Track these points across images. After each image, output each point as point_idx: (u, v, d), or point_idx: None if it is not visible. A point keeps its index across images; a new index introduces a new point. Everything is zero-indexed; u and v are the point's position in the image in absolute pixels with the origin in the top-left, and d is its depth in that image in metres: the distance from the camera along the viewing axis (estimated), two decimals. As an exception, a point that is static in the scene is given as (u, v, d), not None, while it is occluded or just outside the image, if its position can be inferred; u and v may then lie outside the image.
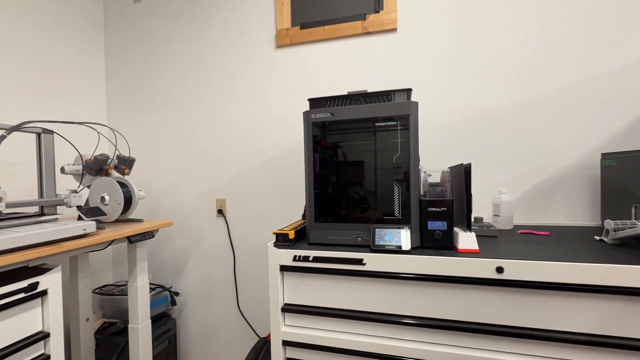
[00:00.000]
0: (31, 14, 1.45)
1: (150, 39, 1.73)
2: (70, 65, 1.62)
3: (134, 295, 1.29)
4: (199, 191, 1.67)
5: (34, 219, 1.00)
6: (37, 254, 0.88)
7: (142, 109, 1.76)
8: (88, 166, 1.20)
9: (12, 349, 0.85)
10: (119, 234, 1.13)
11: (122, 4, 1.78)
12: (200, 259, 1.68)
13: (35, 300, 0.92)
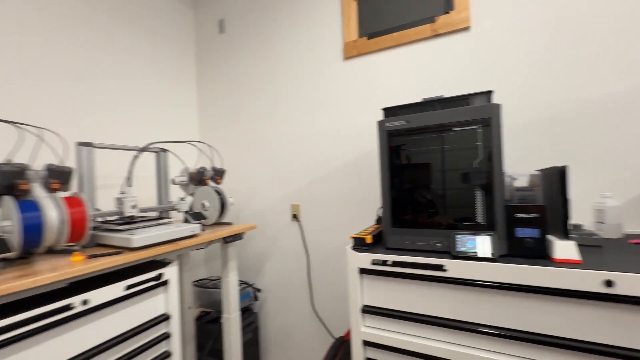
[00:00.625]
0: (141, 54, 1.79)
1: (232, 64, 1.98)
2: (170, 95, 1.94)
3: (227, 289, 1.47)
4: (275, 198, 1.83)
5: (156, 221, 1.23)
6: (163, 250, 1.09)
7: (227, 126, 2.01)
8: (192, 177, 1.43)
9: (145, 327, 1.07)
10: (216, 235, 1.31)
11: (209, 37, 2.07)
12: (277, 260, 1.83)
13: (160, 288, 1.13)
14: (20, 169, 0.89)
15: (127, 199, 1.14)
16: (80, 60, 1.48)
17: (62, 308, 0.84)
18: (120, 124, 1.63)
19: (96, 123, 1.52)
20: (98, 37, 1.56)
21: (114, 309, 0.98)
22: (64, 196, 0.95)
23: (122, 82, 1.66)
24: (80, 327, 0.89)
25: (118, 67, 1.64)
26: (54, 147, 1.07)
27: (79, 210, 0.94)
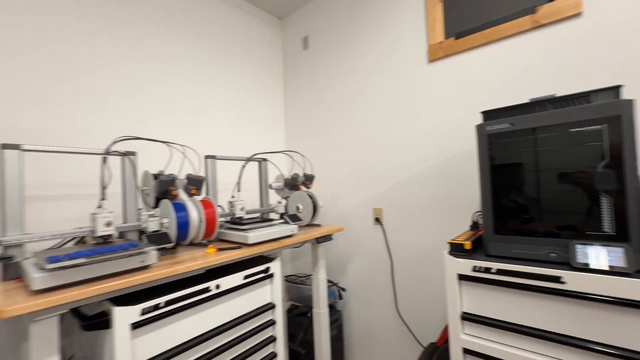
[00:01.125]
0: (240, 76, 2.05)
1: (315, 77, 2.13)
2: (261, 110, 2.18)
3: (317, 285, 1.59)
4: (358, 201, 1.90)
5: (261, 222, 1.42)
6: (270, 247, 1.25)
7: (310, 134, 2.16)
8: (287, 183, 1.59)
9: (257, 312, 1.24)
10: (310, 236, 1.44)
11: (294, 54, 2.27)
12: (360, 262, 1.90)
13: (267, 280, 1.30)
14: (172, 179, 1.14)
15: (237, 202, 1.34)
16: (203, 94, 1.79)
17: (203, 290, 1.04)
18: (228, 139, 1.91)
19: (215, 139, 1.82)
20: (214, 73, 1.86)
21: (236, 294, 1.17)
22: (200, 199, 1.17)
23: (226, 102, 1.94)
24: (214, 307, 1.09)
25: (224, 92, 1.93)
26: (191, 160, 1.34)
27: (210, 211, 1.16)
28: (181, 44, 1.72)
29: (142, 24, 1.56)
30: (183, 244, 1.18)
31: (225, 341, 1.12)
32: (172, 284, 1.03)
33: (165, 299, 0.93)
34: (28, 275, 0.74)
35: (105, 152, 1.00)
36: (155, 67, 1.60)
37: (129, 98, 1.49)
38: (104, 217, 0.95)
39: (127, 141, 1.11)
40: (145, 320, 0.89)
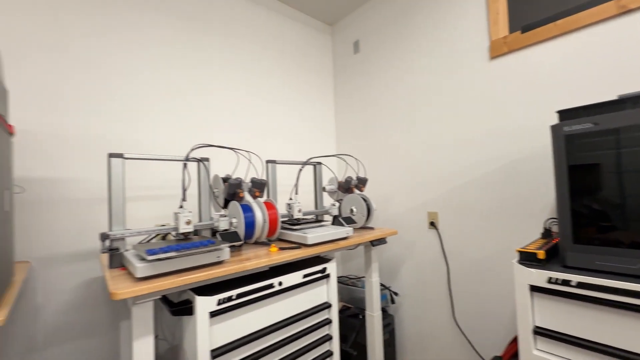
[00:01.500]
0: (293, 83, 2.14)
1: (367, 80, 2.14)
2: (313, 115, 2.25)
3: (370, 288, 1.60)
4: (411, 205, 1.86)
5: (317, 223, 1.47)
6: (327, 248, 1.29)
7: (361, 138, 2.18)
8: (340, 186, 1.63)
9: (312, 311, 1.29)
10: (364, 239, 1.46)
11: (345, 58, 2.30)
12: (414, 266, 1.86)
13: (324, 280, 1.34)
14: (239, 182, 1.24)
15: (295, 204, 1.41)
16: (260, 104, 1.91)
17: (268, 286, 1.12)
18: (284, 144, 2.02)
19: (272, 145, 1.94)
20: (269, 82, 1.98)
21: (295, 292, 1.23)
22: (263, 201, 1.26)
23: (281, 110, 2.04)
24: (276, 303, 1.16)
25: (278, 100, 2.04)
26: (254, 165, 1.46)
27: (273, 212, 1.24)
28: (242, 60, 1.86)
29: (209, 47, 1.73)
30: (249, 242, 1.28)
31: (286, 336, 1.18)
32: (238, 279, 1.13)
33: (236, 291, 1.03)
34: (132, 264, 0.88)
35: (185, 158, 1.13)
36: (221, 84, 1.75)
37: (201, 110, 1.66)
38: (184, 216, 1.07)
39: (200, 148, 1.25)
40: (220, 310, 0.99)
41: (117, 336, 1.35)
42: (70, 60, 1.31)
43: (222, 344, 1.00)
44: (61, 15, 1.30)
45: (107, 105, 1.39)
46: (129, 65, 1.46)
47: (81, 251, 1.31)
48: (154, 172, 1.50)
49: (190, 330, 0.97)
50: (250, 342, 1.07)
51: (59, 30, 1.29)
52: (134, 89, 1.46)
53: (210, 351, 0.96)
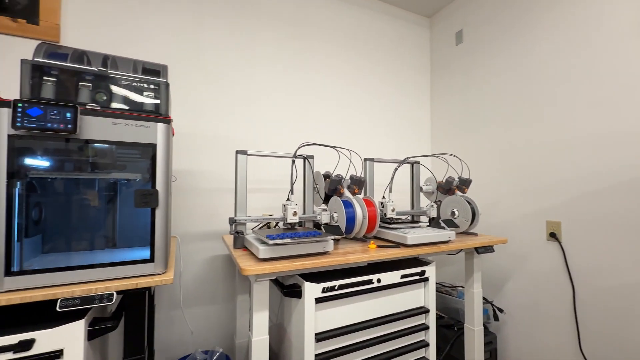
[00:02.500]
0: (388, 80, 2.11)
1: (470, 73, 1.96)
2: (407, 112, 2.17)
3: (471, 300, 1.47)
4: (524, 211, 1.63)
5: (414, 224, 1.42)
6: (426, 250, 1.24)
7: (460, 136, 2.01)
8: (440, 186, 1.54)
9: (408, 314, 1.25)
10: (467, 244, 1.34)
11: (445, 50, 2.16)
12: (524, 282, 1.62)
13: (421, 283, 1.29)
14: (340, 179, 1.29)
15: (389, 203, 1.39)
16: (356, 101, 1.96)
17: (367, 281, 1.14)
18: (379, 142, 2.02)
19: (368, 142, 1.97)
20: (365, 80, 2.01)
21: (392, 291, 1.22)
22: (363, 198, 1.28)
23: (377, 107, 2.04)
24: (373, 299, 1.17)
25: (372, 96, 2.04)
26: (352, 163, 1.51)
27: (372, 209, 1.25)
28: (339, 61, 1.93)
29: (309, 50, 1.85)
30: (348, 237, 1.32)
31: (381, 333, 1.18)
32: (335, 270, 1.17)
33: (339, 282, 1.08)
34: (254, 246, 1.01)
35: (294, 155, 1.24)
36: (320, 86, 1.86)
37: (305, 110, 1.80)
38: (292, 208, 1.17)
39: (304, 146, 1.37)
40: (324, 298, 1.05)
41: (234, 307, 1.58)
42: (209, 75, 1.58)
43: (325, 329, 1.06)
44: (200, 39, 1.57)
45: (230, 109, 1.62)
46: (247, 76, 1.67)
47: (207, 232, 1.56)
48: (260, 168, 1.68)
49: (298, 312, 1.06)
50: (349, 333, 1.11)
51: (197, 50, 1.56)
52: (250, 95, 1.67)
53: (314, 334, 1.03)
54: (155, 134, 0.83)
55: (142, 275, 0.82)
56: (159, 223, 0.83)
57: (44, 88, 0.78)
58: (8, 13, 1.25)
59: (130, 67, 0.93)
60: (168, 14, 1.50)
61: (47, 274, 0.73)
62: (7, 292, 0.69)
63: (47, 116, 0.69)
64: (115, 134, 0.78)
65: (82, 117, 0.74)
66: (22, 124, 0.67)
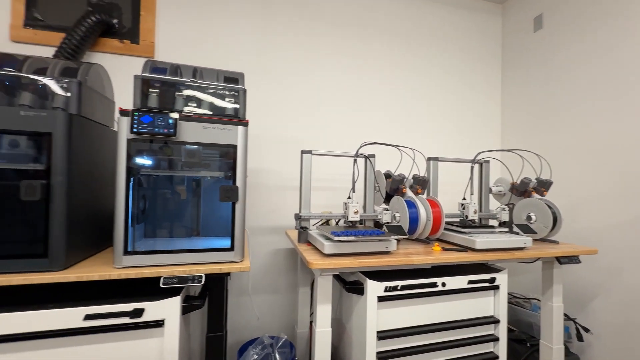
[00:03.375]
0: (453, 73, 1.99)
1: (550, 62, 1.75)
2: (473, 106, 2.03)
3: (549, 315, 1.32)
4: (618, 219, 1.41)
5: (483, 228, 1.33)
6: (497, 257, 1.15)
7: (536, 132, 1.81)
8: (514, 188, 1.42)
9: (475, 322, 1.18)
10: (547, 253, 1.21)
11: (519, 38, 1.96)
12: (617, 300, 1.40)
13: (491, 291, 1.21)
14: (402, 178, 1.27)
15: (471, 204, 1.31)
16: (418, 98, 1.90)
17: (431, 284, 1.11)
18: (442, 140, 1.94)
19: (433, 141, 1.91)
20: (428, 75, 1.94)
21: (457, 297, 1.16)
22: (426, 198, 1.25)
23: (441, 104, 1.95)
24: (436, 303, 1.14)
25: (440, 92, 1.95)
26: (415, 162, 1.48)
27: (437, 210, 1.21)
28: (402, 59, 1.89)
29: (369, 50, 1.84)
30: (410, 238, 1.30)
31: (445, 339, 1.14)
32: (397, 271, 1.16)
33: (402, 282, 1.07)
34: (319, 242, 1.06)
35: (355, 154, 1.26)
36: (385, 87, 1.84)
37: (365, 110, 1.81)
38: (353, 206, 1.19)
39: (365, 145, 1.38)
40: (386, 297, 1.05)
41: (295, 298, 1.66)
42: (272, 80, 1.68)
43: (386, 328, 1.06)
44: (266, 47, 1.68)
45: (292, 111, 1.71)
46: (308, 78, 1.74)
47: (269, 226, 1.67)
48: (317, 167, 1.74)
49: (360, 308, 1.08)
50: (411, 335, 1.09)
51: (262, 55, 1.67)
52: (311, 96, 1.74)
53: (376, 332, 1.04)
54: (236, 136, 0.92)
55: (224, 262, 0.92)
56: (238, 216, 0.92)
57: (150, 98, 0.93)
58: (117, 36, 1.49)
59: (214, 76, 1.04)
60: (239, 27, 1.64)
61: (151, 255, 0.87)
62: (125, 268, 0.84)
63: (155, 122, 0.82)
64: (204, 136, 0.89)
65: (180, 123, 0.86)
66: (138, 130, 0.81)
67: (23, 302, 0.79)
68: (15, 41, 1.37)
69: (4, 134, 0.77)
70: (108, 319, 0.80)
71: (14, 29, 1.37)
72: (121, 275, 0.81)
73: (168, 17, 1.54)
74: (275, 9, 1.69)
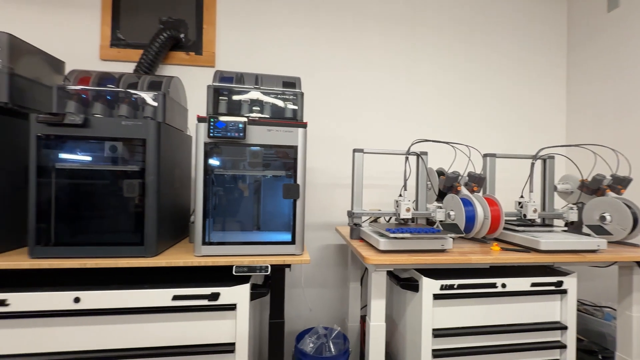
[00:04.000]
0: (514, 60, 1.87)
1: (627, 44, 1.57)
2: (534, 96, 1.88)
3: (627, 325, 1.20)
4: None
5: (546, 228, 1.25)
6: (565, 259, 1.08)
7: (609, 125, 1.63)
8: (584, 185, 1.31)
9: (538, 327, 1.12)
10: (626, 257, 1.10)
11: (589, 20, 1.78)
12: None
13: (557, 295, 1.14)
14: (456, 175, 1.25)
15: (530, 203, 1.24)
16: (475, 90, 1.83)
17: (490, 284, 1.08)
18: (499, 136, 1.84)
19: (488, 137, 1.83)
20: (487, 69, 1.85)
21: (520, 299, 1.11)
22: (484, 196, 1.21)
23: (498, 95, 1.85)
24: (496, 305, 1.10)
25: (498, 84, 1.85)
26: (471, 159, 1.44)
27: (495, 208, 1.17)
28: (454, 53, 1.83)
29: (421, 46, 1.81)
30: (465, 237, 1.27)
31: (504, 342, 1.10)
32: (450, 270, 1.14)
33: (458, 281, 1.06)
34: (374, 239, 1.09)
35: (407, 152, 1.26)
36: (436, 83, 1.80)
37: (416, 107, 1.79)
38: (405, 204, 1.20)
39: (417, 143, 1.37)
40: (442, 295, 1.05)
41: (344, 293, 1.71)
42: (317, 82, 1.74)
43: (442, 326, 1.06)
44: (312, 52, 1.73)
45: (342, 110, 1.75)
46: (356, 78, 1.76)
47: (319, 223, 1.73)
48: (368, 165, 1.75)
49: (414, 306, 1.09)
50: (468, 335, 1.07)
51: (311, 60, 1.73)
52: (360, 95, 1.76)
53: (432, 329, 1.04)
54: (296, 137, 0.99)
55: (287, 254, 0.99)
56: (299, 212, 0.99)
57: (220, 105, 1.03)
58: (183, 49, 1.65)
59: (273, 82, 1.12)
60: (289, 35, 1.71)
61: (223, 246, 0.97)
62: (203, 256, 0.95)
63: (227, 127, 0.92)
64: (268, 138, 0.97)
65: (248, 127, 0.95)
66: (213, 134, 0.91)
67: (123, 282, 0.94)
68: (104, 59, 1.59)
69: (108, 141, 0.91)
70: (191, 300, 0.91)
71: (103, 49, 1.59)
72: (201, 262, 0.92)
73: (226, 29, 1.67)
74: (322, 16, 1.74)
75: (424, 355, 1.04)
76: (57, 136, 0.88)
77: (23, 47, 0.99)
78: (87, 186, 0.91)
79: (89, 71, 1.05)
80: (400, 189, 1.21)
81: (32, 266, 0.86)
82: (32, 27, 1.55)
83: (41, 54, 1.09)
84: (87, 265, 0.87)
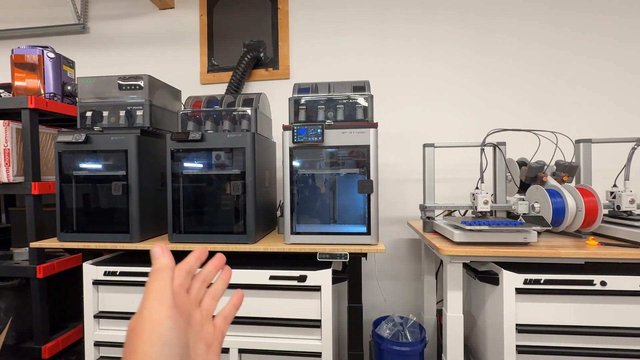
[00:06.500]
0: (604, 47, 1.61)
1: None
2: None
3: None
4: None
5: (664, 221, 1.08)
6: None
7: None
8: None
9: (655, 333, 0.98)
10: None
11: None
12: None
13: (679, 298, 0.98)
14: (541, 165, 1.17)
15: (625, 193, 1.10)
16: (567, 73, 1.65)
17: (586, 281, 1.00)
18: (590, 118, 1.63)
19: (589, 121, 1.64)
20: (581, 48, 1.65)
21: (623, 300, 0.99)
22: (576, 187, 1.11)
23: (595, 76, 1.63)
24: (595, 304, 1.01)
25: (590, 61, 1.64)
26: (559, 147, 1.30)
27: (591, 199, 1.06)
28: (531, 31, 1.67)
29: (492, 35, 1.70)
30: (555, 230, 1.18)
31: (603, 346, 1.00)
32: (534, 264, 1.07)
33: (545, 276, 1.00)
34: (448, 231, 1.11)
35: (482, 143, 1.23)
36: (512, 65, 1.69)
37: (492, 96, 1.70)
38: (482, 196, 1.17)
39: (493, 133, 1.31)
40: (526, 289, 1.01)
41: (416, 287, 1.74)
42: (389, 78, 1.78)
43: (527, 322, 1.02)
44: (380, 52, 1.79)
45: (410, 106, 1.77)
46: (425, 73, 1.75)
47: (390, 217, 1.78)
48: (439, 159, 1.73)
49: (495, 300, 1.08)
50: (559, 334, 1.01)
51: (379, 59, 1.79)
52: (428, 89, 1.75)
53: (515, 324, 1.02)
54: (368, 137, 1.08)
55: (363, 244, 1.09)
56: (373, 205, 1.08)
57: (300, 113, 1.19)
58: (263, 66, 1.89)
59: (344, 87, 1.23)
60: (357, 40, 1.80)
61: (308, 235, 1.12)
62: (292, 244, 1.12)
63: (308, 133, 1.06)
64: (343, 140, 1.09)
65: (325, 131, 1.08)
66: (297, 140, 1.07)
67: (229, 264, 1.17)
68: (203, 84, 1.94)
69: (217, 151, 1.15)
70: (284, 280, 1.09)
71: (202, 75, 1.93)
72: (291, 249, 1.09)
73: (298, 43, 1.85)
74: (390, 19, 1.78)
75: (507, 351, 1.02)
76: (184, 149, 1.15)
77: (156, 83, 1.31)
78: (204, 187, 1.17)
79: (199, 96, 1.32)
80: (477, 182, 1.19)
81: (172, 248, 1.14)
82: (154, 64, 1.97)
83: (166, 87, 1.40)
84: (208, 249, 1.12)
